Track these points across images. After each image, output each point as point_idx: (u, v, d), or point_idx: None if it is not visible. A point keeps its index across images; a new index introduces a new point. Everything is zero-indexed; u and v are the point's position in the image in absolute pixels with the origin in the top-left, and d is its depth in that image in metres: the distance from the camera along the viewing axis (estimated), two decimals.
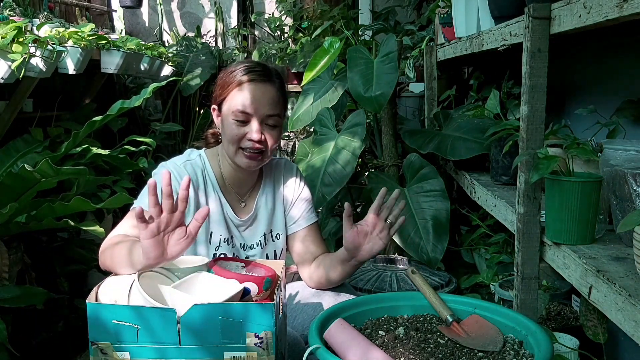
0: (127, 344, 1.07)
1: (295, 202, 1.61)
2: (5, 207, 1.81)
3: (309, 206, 1.63)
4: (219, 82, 1.51)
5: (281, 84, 1.51)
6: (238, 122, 1.44)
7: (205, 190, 1.50)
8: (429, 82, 2.75)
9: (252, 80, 1.45)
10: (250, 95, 1.44)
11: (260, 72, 1.47)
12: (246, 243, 1.55)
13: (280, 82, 1.51)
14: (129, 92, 3.98)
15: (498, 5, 1.70)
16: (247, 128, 1.44)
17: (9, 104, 2.47)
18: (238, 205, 1.56)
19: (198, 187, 1.49)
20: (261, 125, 1.44)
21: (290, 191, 1.62)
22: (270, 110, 1.45)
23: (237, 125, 1.44)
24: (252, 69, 1.47)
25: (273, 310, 1.06)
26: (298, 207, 1.61)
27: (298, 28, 4.30)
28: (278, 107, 1.47)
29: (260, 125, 1.44)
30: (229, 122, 1.45)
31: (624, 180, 1.16)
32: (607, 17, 1.01)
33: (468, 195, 2.09)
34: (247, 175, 1.55)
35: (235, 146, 1.45)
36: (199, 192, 1.49)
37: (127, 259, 1.17)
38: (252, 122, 1.44)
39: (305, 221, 1.61)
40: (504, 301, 1.82)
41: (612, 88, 1.71)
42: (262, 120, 1.44)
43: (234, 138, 1.44)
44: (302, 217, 1.61)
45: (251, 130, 1.43)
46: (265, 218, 1.58)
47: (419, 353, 1.12)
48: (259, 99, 1.43)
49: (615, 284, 0.99)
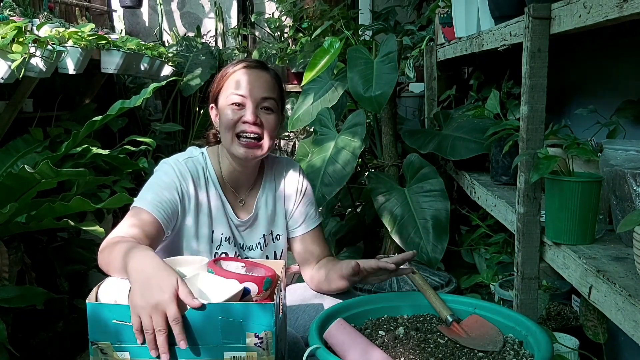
0: (127, 344, 1.07)
1: (297, 202, 1.59)
2: (5, 207, 1.81)
3: (312, 207, 1.61)
4: (215, 80, 1.52)
5: (276, 75, 1.53)
6: (234, 107, 1.44)
7: (207, 188, 1.49)
8: (429, 82, 2.75)
9: (246, 67, 1.47)
10: (244, 78, 1.45)
11: (254, 61, 1.50)
12: (246, 244, 1.55)
13: (275, 74, 1.52)
14: (129, 92, 3.98)
15: (498, 5, 1.70)
16: (243, 112, 1.44)
17: (9, 104, 2.47)
18: (238, 205, 1.55)
19: (199, 184, 1.48)
20: (256, 109, 1.45)
21: (293, 191, 1.60)
22: (265, 92, 1.45)
23: (232, 110, 1.44)
24: (246, 60, 1.50)
25: (273, 310, 1.06)
26: (301, 209, 1.59)
27: (298, 28, 4.29)
28: (274, 91, 1.47)
29: (255, 109, 1.44)
30: (225, 110, 1.45)
31: (624, 180, 1.16)
32: (607, 17, 1.01)
33: (468, 195, 2.09)
34: (246, 173, 1.54)
35: (231, 132, 1.44)
36: (200, 190, 1.48)
37: (120, 265, 1.16)
38: (247, 106, 1.44)
39: (308, 225, 1.60)
40: (504, 301, 1.82)
41: (612, 88, 1.71)
42: (257, 103, 1.44)
43: (229, 123, 1.44)
44: (305, 220, 1.59)
45: (246, 113, 1.43)
46: (265, 219, 1.57)
47: (419, 353, 1.12)
48: (253, 81, 1.45)
49: (615, 284, 0.99)
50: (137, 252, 1.14)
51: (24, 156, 2.40)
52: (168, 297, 1.04)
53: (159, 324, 1.04)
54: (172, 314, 1.04)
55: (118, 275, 1.18)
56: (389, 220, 2.27)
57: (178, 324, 1.04)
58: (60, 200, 1.96)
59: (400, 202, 2.31)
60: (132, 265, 1.11)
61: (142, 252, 1.15)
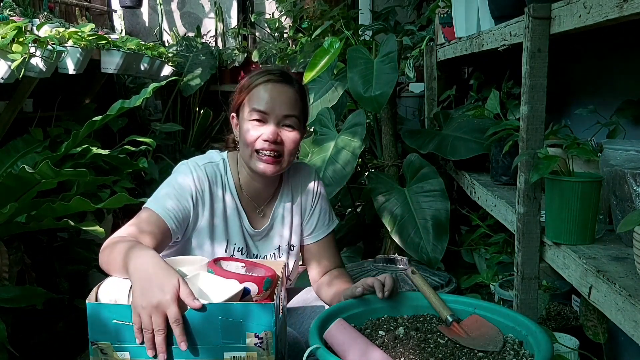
0: (127, 344, 1.07)
1: (313, 210, 1.58)
2: (6, 207, 1.81)
3: (326, 214, 1.59)
4: (237, 88, 1.48)
5: (301, 88, 1.48)
6: (255, 123, 1.40)
7: (223, 196, 1.47)
8: (429, 82, 2.75)
9: (268, 81, 1.42)
10: (266, 95, 1.41)
11: (278, 74, 1.44)
12: (260, 254, 1.53)
13: (300, 87, 1.47)
14: (129, 92, 3.98)
15: (498, 5, 1.70)
16: (264, 129, 1.40)
17: (9, 104, 2.47)
18: (255, 216, 1.52)
19: (216, 192, 1.45)
20: (278, 126, 1.41)
21: (309, 199, 1.57)
22: (287, 110, 1.41)
23: (253, 126, 1.41)
24: (270, 71, 1.45)
25: (273, 310, 1.06)
26: (315, 217, 1.58)
27: (298, 28, 4.29)
28: (296, 108, 1.43)
29: (276, 126, 1.41)
30: (246, 125, 1.42)
31: (624, 180, 1.16)
32: (607, 17, 1.01)
33: (468, 195, 2.09)
34: (264, 185, 1.50)
35: (251, 149, 1.41)
36: (216, 198, 1.45)
37: (121, 264, 1.16)
38: (268, 123, 1.41)
39: (321, 233, 1.58)
40: (504, 301, 1.82)
41: (612, 88, 1.71)
42: (279, 121, 1.41)
43: (249, 139, 1.41)
44: (317, 228, 1.58)
45: (267, 130, 1.40)
46: (281, 230, 1.54)
47: (419, 353, 1.12)
48: (275, 98, 1.41)
49: (615, 284, 0.99)
50: (138, 252, 1.14)
51: (24, 156, 2.40)
52: (169, 297, 1.04)
53: (158, 324, 1.04)
54: (172, 315, 1.04)
55: (119, 274, 1.18)
56: (389, 220, 2.27)
57: (179, 325, 1.04)
58: (60, 200, 1.96)
59: (400, 202, 2.31)
60: (133, 265, 1.11)
61: (143, 251, 1.15)
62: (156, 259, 1.12)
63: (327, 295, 1.49)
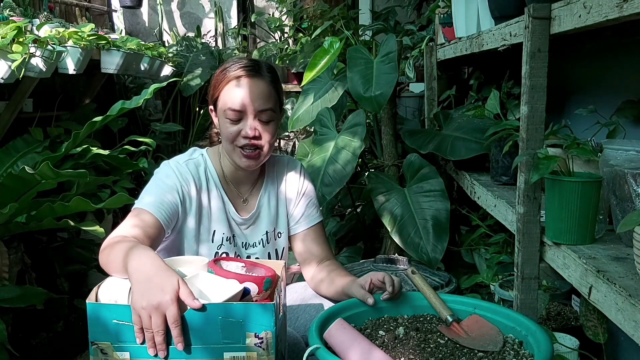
0: (127, 344, 1.07)
1: (298, 200, 1.60)
2: (6, 207, 1.81)
3: (312, 205, 1.62)
4: (212, 82, 1.51)
5: (273, 77, 1.49)
6: (231, 121, 1.44)
7: (208, 188, 1.50)
8: (429, 82, 2.75)
9: (240, 77, 1.44)
10: (240, 92, 1.43)
11: (250, 67, 1.46)
12: (248, 241, 1.55)
13: (271, 75, 1.49)
14: (129, 92, 3.98)
15: (498, 5, 1.70)
16: (241, 125, 1.44)
17: (9, 104, 2.47)
18: (240, 203, 1.56)
19: (200, 186, 1.49)
20: (255, 120, 1.44)
21: (293, 189, 1.60)
22: (262, 104, 1.44)
23: (230, 123, 1.44)
24: (241, 65, 1.46)
25: (273, 310, 1.06)
26: (300, 206, 1.60)
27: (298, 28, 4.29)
28: (270, 101, 1.46)
29: (253, 121, 1.44)
30: (224, 121, 1.45)
31: (624, 180, 1.16)
32: (607, 17, 1.01)
33: (468, 195, 2.09)
34: (248, 173, 1.55)
35: (232, 145, 1.45)
36: (202, 191, 1.49)
37: (121, 264, 1.16)
38: (245, 119, 1.44)
39: (308, 222, 1.60)
40: (504, 301, 1.82)
41: (612, 88, 1.71)
42: (255, 115, 1.44)
43: (229, 137, 1.45)
44: (304, 217, 1.60)
45: (245, 127, 1.43)
46: (268, 216, 1.57)
47: (419, 353, 1.12)
48: (248, 94, 1.43)
49: (615, 284, 0.99)
50: (138, 252, 1.14)
51: (24, 156, 2.40)
52: (169, 298, 1.04)
53: (157, 325, 1.04)
54: (171, 316, 1.04)
55: (119, 274, 1.18)
56: (389, 220, 2.27)
57: (177, 326, 1.04)
58: (60, 200, 1.96)
59: (400, 202, 2.31)
60: (133, 265, 1.11)
61: (143, 251, 1.15)
62: (156, 260, 1.12)
63: (329, 291, 1.50)
